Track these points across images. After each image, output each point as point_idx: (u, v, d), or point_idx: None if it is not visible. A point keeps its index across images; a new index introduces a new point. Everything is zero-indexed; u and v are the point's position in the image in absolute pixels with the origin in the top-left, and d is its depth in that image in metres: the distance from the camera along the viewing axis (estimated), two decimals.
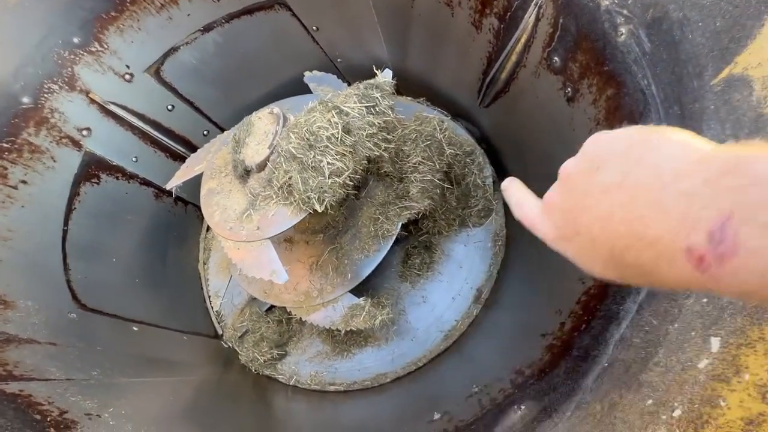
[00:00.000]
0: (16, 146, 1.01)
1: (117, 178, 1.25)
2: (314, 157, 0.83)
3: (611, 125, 0.75)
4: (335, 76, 1.34)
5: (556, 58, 0.86)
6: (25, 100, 1.03)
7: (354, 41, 1.40)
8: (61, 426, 0.60)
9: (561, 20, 0.81)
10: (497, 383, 0.69)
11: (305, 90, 1.32)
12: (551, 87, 0.91)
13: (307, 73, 1.34)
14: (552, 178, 0.37)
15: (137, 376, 0.90)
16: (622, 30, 0.67)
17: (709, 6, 0.52)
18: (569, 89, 0.86)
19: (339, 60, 1.46)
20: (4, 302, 0.83)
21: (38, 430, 0.57)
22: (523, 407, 0.57)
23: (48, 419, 0.60)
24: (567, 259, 0.34)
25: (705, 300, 0.41)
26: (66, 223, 1.09)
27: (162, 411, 0.88)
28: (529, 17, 0.89)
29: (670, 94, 0.57)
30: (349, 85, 1.38)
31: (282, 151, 0.87)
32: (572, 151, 0.35)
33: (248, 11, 1.27)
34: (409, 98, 1.53)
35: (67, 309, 0.97)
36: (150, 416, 0.81)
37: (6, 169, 0.99)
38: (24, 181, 1.02)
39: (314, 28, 1.35)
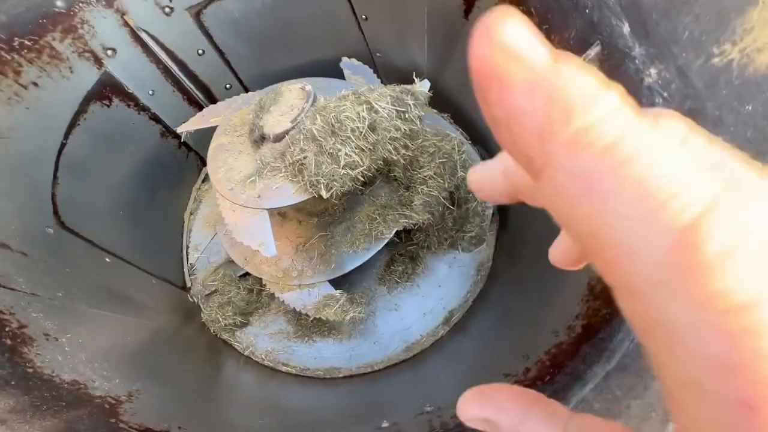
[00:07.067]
0: (37, 46, 0.98)
1: (128, 105, 1.22)
2: (334, 144, 0.84)
3: None
4: (371, 70, 1.34)
5: None
6: (59, 3, 1.00)
7: (398, 40, 1.40)
8: (18, 339, 0.59)
9: None
10: (451, 409, 0.71)
11: (336, 73, 1.31)
12: None
13: (345, 59, 1.34)
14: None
15: (99, 307, 0.89)
16: None
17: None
18: None
19: (378, 54, 1.46)
20: None
21: None
22: None
23: (6, 329, 0.59)
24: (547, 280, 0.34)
25: None
26: (66, 136, 1.06)
27: (115, 347, 0.87)
28: None
29: None
30: (382, 82, 1.39)
31: (304, 129, 0.86)
32: None
33: None
34: (434, 110, 1.54)
35: (45, 222, 0.94)
36: (103, 350, 0.80)
37: (21, 66, 0.96)
38: (35, 83, 0.99)
39: (363, 16, 1.35)
